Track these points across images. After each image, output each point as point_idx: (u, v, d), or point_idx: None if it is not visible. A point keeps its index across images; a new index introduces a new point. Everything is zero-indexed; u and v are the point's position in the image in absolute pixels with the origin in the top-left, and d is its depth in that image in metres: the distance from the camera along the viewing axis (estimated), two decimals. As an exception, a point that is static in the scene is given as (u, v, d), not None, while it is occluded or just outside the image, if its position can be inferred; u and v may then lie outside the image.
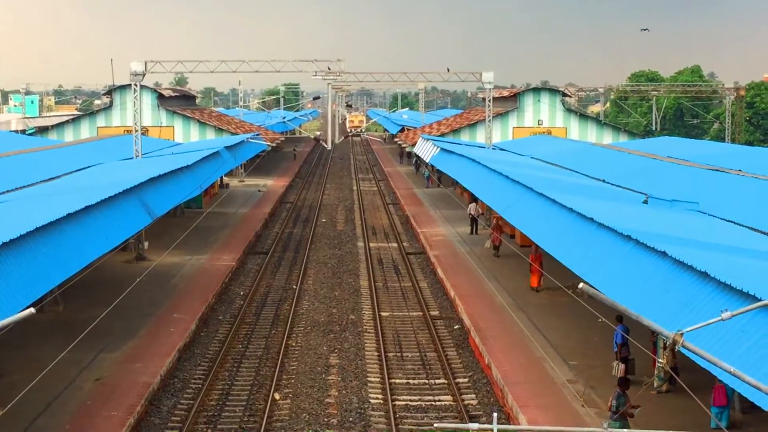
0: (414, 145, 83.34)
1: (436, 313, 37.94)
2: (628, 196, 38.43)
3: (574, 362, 28.90)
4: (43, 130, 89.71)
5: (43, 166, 47.93)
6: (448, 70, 65.02)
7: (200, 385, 28.33)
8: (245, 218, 61.74)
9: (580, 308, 28.21)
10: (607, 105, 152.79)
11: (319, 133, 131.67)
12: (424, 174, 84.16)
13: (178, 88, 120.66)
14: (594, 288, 12.09)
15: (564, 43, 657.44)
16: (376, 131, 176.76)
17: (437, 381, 29.35)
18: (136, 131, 54.70)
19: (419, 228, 57.52)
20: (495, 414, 12.73)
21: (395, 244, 54.98)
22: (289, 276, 45.56)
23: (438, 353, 32.14)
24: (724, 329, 16.56)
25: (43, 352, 27.73)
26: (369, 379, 29.44)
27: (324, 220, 65.62)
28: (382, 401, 27.32)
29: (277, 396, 27.62)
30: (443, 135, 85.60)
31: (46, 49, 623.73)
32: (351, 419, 25.80)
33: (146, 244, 45.10)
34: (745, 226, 30.56)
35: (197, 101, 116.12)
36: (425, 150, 71.51)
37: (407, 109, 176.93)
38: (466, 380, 29.30)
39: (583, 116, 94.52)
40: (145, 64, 54.09)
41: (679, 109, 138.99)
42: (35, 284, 23.18)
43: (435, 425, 15.24)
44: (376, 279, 44.49)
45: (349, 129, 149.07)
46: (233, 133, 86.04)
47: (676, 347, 11.58)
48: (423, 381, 29.36)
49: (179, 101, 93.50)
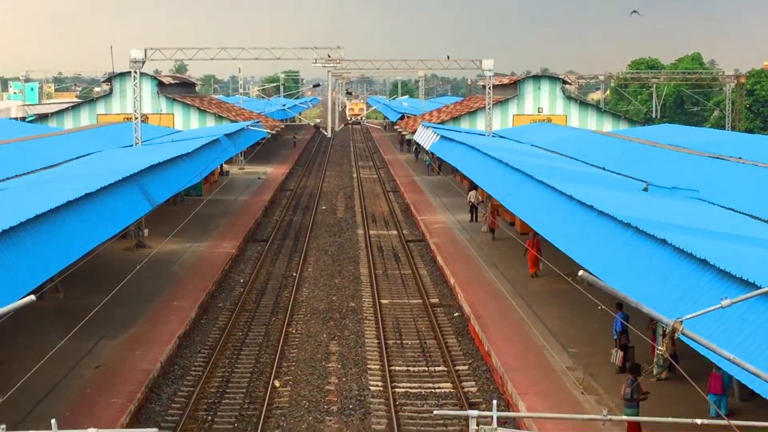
0: (414, 132, 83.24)
1: (435, 300, 37.97)
2: (628, 183, 38.42)
3: (573, 350, 28.94)
4: (43, 118, 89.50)
5: (42, 153, 47.86)
6: (448, 57, 64.82)
7: (200, 373, 28.39)
8: (245, 206, 61.73)
9: (580, 296, 28.23)
10: (608, 92, 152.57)
11: (318, 121, 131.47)
12: (425, 161, 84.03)
13: (178, 75, 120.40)
14: (593, 275, 12.06)
15: (564, 31, 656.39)
16: (376, 119, 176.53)
17: (437, 368, 29.39)
18: (136, 119, 54.63)
19: (419, 215, 57.52)
20: (494, 401, 12.74)
21: (395, 232, 54.98)
22: (289, 263, 45.58)
23: (438, 341, 32.18)
24: (724, 317, 16.57)
25: (44, 339, 27.75)
26: (369, 366, 29.48)
27: (324, 208, 65.62)
28: (381, 388, 27.37)
29: (277, 383, 27.66)
30: (443, 122, 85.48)
31: (46, 36, 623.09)
32: (351, 406, 25.85)
33: (146, 231, 45.10)
34: (745, 214, 30.56)
35: (197, 89, 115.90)
36: (425, 137, 71.44)
37: (407, 96, 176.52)
38: (466, 367, 29.35)
39: (584, 104, 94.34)
40: (145, 51, 53.97)
41: (680, 97, 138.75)
42: (35, 271, 23.19)
43: (435, 412, 15.28)
44: (376, 266, 44.50)
45: (349, 117, 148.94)
46: (233, 121, 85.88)
47: (676, 335, 11.56)
48: (423, 368, 29.40)
49: (179, 89, 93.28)
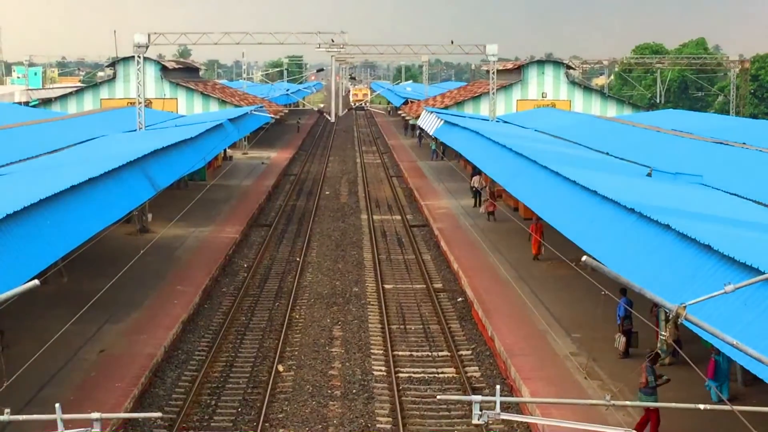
0: (417, 117, 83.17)
1: (439, 285, 38.00)
2: (631, 168, 38.39)
3: (576, 335, 28.98)
4: (47, 102, 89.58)
5: (46, 138, 47.84)
6: (452, 42, 64.79)
7: (204, 357, 28.44)
8: (249, 190, 61.76)
9: (584, 281, 28.23)
10: (612, 78, 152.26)
11: (322, 106, 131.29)
12: (431, 147, 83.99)
13: (182, 60, 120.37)
14: (597, 261, 12.05)
15: (568, 16, 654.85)
16: (380, 104, 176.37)
17: (440, 353, 29.43)
18: (140, 103, 54.63)
19: (423, 200, 57.53)
20: (498, 386, 12.77)
21: (399, 217, 54.99)
22: (292, 248, 45.61)
23: (441, 326, 32.22)
24: (727, 302, 16.56)
25: (48, 323, 27.83)
26: (372, 351, 29.53)
27: (327, 193, 65.63)
28: (385, 373, 27.41)
29: (280, 368, 27.72)
30: (447, 108, 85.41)
31: (50, 21, 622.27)
32: (354, 391, 25.90)
33: (150, 216, 45.10)
34: (749, 199, 30.52)
35: (201, 73, 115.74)
36: (429, 123, 71.37)
37: (411, 81, 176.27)
38: (469, 353, 29.39)
39: (587, 89, 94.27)
40: (149, 36, 53.93)
41: (684, 82, 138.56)
42: (39, 256, 23.21)
43: (438, 397, 15.33)
44: (379, 252, 44.53)
45: (353, 102, 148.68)
46: (237, 106, 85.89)
47: (679, 320, 11.56)
48: (426, 353, 29.45)
49: (183, 73, 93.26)
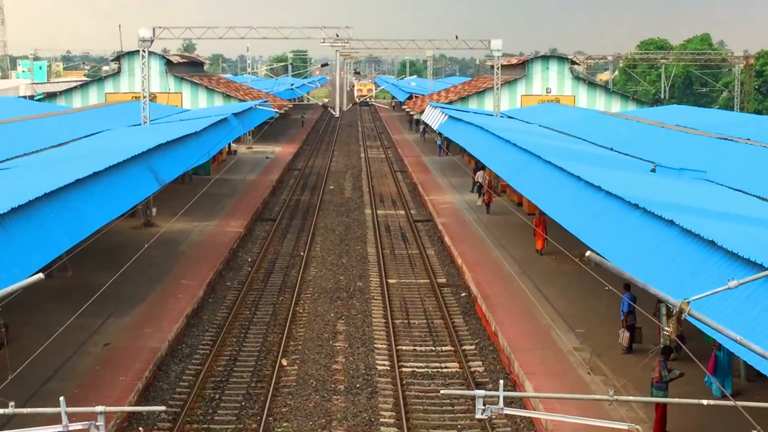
0: (422, 112, 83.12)
1: (443, 280, 38.03)
2: (636, 164, 38.39)
3: (580, 330, 29.01)
4: (51, 96, 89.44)
5: (51, 132, 47.87)
6: (457, 37, 64.75)
7: (208, 351, 28.49)
8: (253, 185, 61.79)
9: (587, 276, 28.25)
10: (616, 73, 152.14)
11: (327, 100, 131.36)
12: (437, 142, 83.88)
13: (186, 54, 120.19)
14: (601, 256, 12.10)
15: (573, 11, 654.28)
16: (384, 98, 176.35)
17: (444, 348, 29.47)
18: (144, 97, 54.64)
19: (427, 195, 57.55)
20: (501, 381, 12.80)
21: (403, 212, 55.01)
22: (296, 243, 45.65)
23: (445, 320, 32.25)
24: (731, 298, 16.56)
25: (52, 317, 27.88)
26: (376, 345, 29.57)
27: (332, 187, 65.65)
28: (388, 368, 27.45)
29: (284, 362, 27.76)
30: (451, 102, 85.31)
31: (55, 15, 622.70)
32: (358, 385, 25.94)
33: (154, 210, 45.21)
34: (753, 195, 30.53)
35: (205, 68, 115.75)
36: (433, 117, 71.34)
37: (415, 76, 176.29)
38: (473, 347, 29.42)
39: (592, 84, 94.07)
40: (154, 30, 53.92)
41: (688, 78, 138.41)
42: (44, 250, 23.22)
43: (441, 392, 15.36)
44: (383, 246, 44.56)
45: (357, 98, 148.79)
46: (241, 100, 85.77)
47: (683, 315, 11.60)
48: (430, 348, 29.48)
49: (187, 67, 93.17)
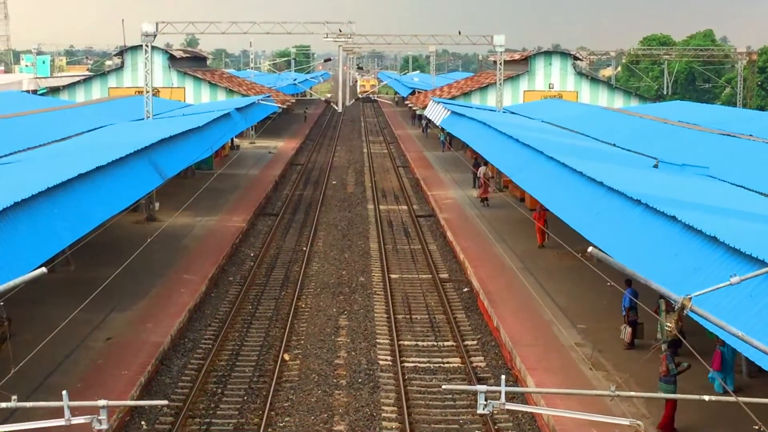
0: (424, 108, 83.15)
1: (445, 275, 38.07)
2: (638, 160, 38.41)
3: (582, 325, 29.03)
4: (55, 91, 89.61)
5: (54, 126, 47.94)
6: (460, 33, 64.65)
7: (210, 346, 28.55)
8: (256, 180, 61.84)
9: (589, 272, 28.25)
10: (619, 69, 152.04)
11: (329, 95, 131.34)
12: (440, 138, 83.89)
13: (189, 49, 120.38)
14: (603, 252, 12.12)
15: (576, 7, 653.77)
16: (387, 94, 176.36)
17: (446, 343, 29.51)
18: (147, 92, 54.68)
19: (429, 191, 57.57)
20: (503, 376, 12.84)
21: (405, 207, 55.04)
22: (299, 238, 45.70)
23: (447, 315, 32.29)
24: (733, 294, 16.59)
25: (55, 311, 27.92)
26: (378, 340, 29.62)
27: (334, 182, 65.70)
28: (390, 363, 27.50)
29: (286, 357, 27.81)
30: (454, 98, 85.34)
31: (58, 9, 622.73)
32: (360, 380, 25.99)
33: (157, 204, 45.26)
34: (756, 191, 30.56)
35: (208, 62, 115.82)
36: (436, 113, 71.37)
37: (418, 71, 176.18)
38: (475, 342, 29.46)
39: (594, 80, 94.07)
40: (157, 25, 53.92)
41: (691, 74, 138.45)
42: (47, 244, 23.29)
43: (443, 387, 15.37)
44: (385, 241, 44.59)
45: (360, 93, 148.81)
46: (244, 95, 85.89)
47: (685, 311, 11.63)
48: (432, 343, 29.53)
49: (190, 62, 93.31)
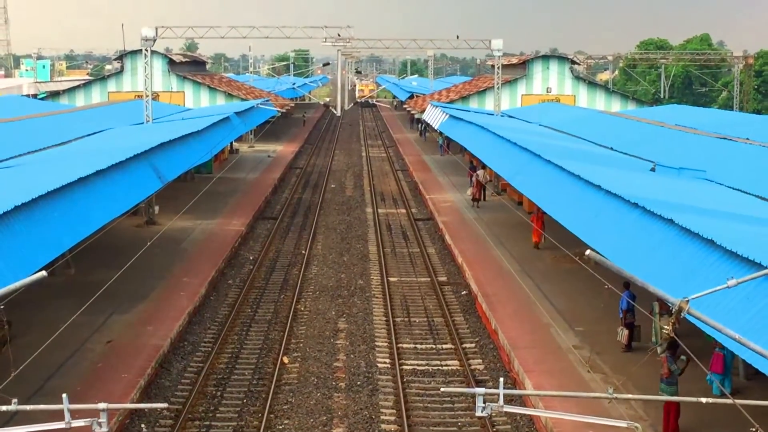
0: (423, 111, 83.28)
1: (443, 278, 38.19)
2: (635, 163, 38.53)
3: (580, 328, 29.16)
4: (55, 95, 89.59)
5: (54, 130, 47.98)
6: (458, 37, 64.85)
7: (210, 349, 28.65)
8: (255, 183, 61.96)
9: (587, 275, 28.39)
10: (616, 73, 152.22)
11: (328, 99, 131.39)
12: (438, 142, 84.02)
13: (189, 53, 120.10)
14: (601, 255, 12.22)
15: (573, 11, 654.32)
16: (385, 98, 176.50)
17: (444, 346, 29.62)
18: (147, 96, 54.79)
19: (427, 194, 57.70)
20: (501, 379, 12.94)
21: (404, 210, 55.18)
22: (298, 241, 45.81)
23: (445, 318, 32.40)
24: (730, 296, 16.64)
25: (55, 314, 28.03)
26: (377, 343, 29.73)
27: (333, 186, 65.82)
28: (389, 365, 27.60)
29: (285, 359, 27.92)
30: (452, 102, 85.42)
31: (58, 14, 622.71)
32: (359, 383, 26.10)
33: (157, 208, 45.36)
34: (752, 194, 30.66)
35: (207, 67, 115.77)
36: (434, 117, 71.50)
37: (416, 75, 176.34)
38: (473, 345, 29.58)
39: (592, 84, 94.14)
40: (156, 29, 54.04)
41: (688, 78, 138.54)
42: (47, 247, 23.34)
43: (442, 389, 15.49)
44: (384, 245, 44.71)
45: (358, 98, 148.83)
46: (243, 99, 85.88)
47: (682, 314, 11.70)
48: (430, 346, 29.64)
49: (190, 67, 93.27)
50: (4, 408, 11.81)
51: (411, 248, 44.28)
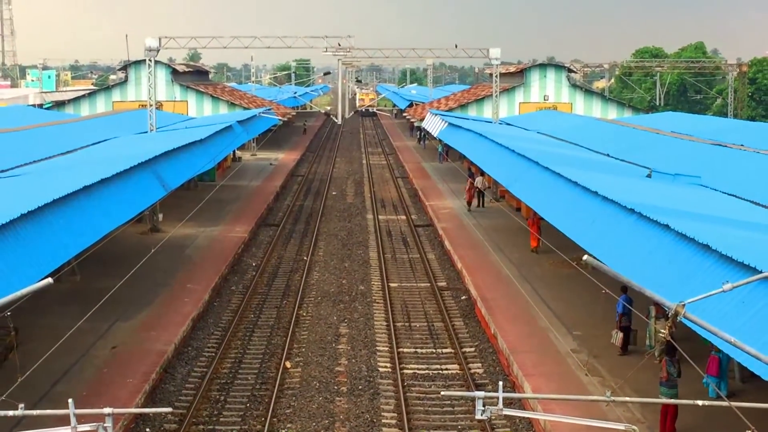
0: (422, 119, 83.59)
1: (443, 284, 38.45)
2: (631, 170, 38.81)
3: (578, 332, 29.41)
4: (60, 105, 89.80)
5: (59, 139, 48.24)
6: (456, 46, 65.17)
7: (213, 354, 28.90)
8: (257, 191, 62.22)
9: (585, 280, 28.68)
10: (612, 81, 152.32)
11: (329, 108, 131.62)
12: (438, 149, 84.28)
13: (192, 63, 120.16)
14: (598, 260, 12.45)
15: (570, 20, 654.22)
16: (385, 106, 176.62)
17: (444, 350, 29.86)
18: (151, 106, 55.10)
19: (427, 201, 57.96)
20: (500, 383, 13.20)
21: (404, 217, 55.43)
22: (300, 247, 46.08)
23: (445, 323, 32.65)
24: (725, 300, 16.75)
25: (61, 320, 28.17)
26: (378, 348, 29.96)
27: (334, 193, 66.06)
28: (390, 369, 27.83)
29: (288, 364, 28.15)
30: (451, 110, 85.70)
31: (63, 25, 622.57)
32: (360, 387, 26.33)
33: (161, 216, 45.60)
34: (747, 200, 30.92)
35: (210, 76, 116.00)
36: (433, 125, 71.81)
37: (416, 84, 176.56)
38: (473, 349, 29.82)
39: (588, 92, 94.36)
40: (160, 39, 54.38)
41: (683, 85, 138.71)
42: (53, 255, 23.50)
43: (442, 393, 15.76)
44: (385, 251, 44.98)
45: (359, 107, 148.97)
46: (245, 108, 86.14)
47: (678, 318, 11.89)
48: (430, 350, 29.87)
49: (193, 76, 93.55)
50: (11, 413, 11.96)
51: (411, 254, 44.56)
